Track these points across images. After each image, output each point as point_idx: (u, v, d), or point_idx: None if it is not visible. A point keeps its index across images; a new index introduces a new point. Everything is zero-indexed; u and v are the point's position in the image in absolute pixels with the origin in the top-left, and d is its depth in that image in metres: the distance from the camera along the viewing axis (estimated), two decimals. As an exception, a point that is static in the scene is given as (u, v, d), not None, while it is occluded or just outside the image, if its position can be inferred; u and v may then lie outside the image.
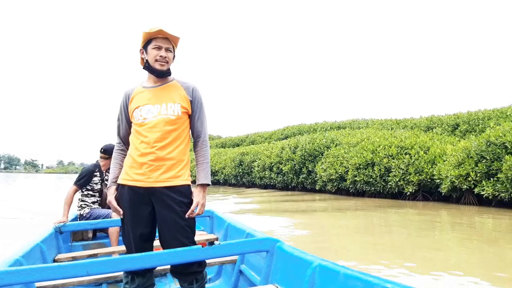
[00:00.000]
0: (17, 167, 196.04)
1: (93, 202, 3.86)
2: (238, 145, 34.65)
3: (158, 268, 2.24)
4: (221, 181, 25.21)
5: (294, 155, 17.48)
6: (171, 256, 1.79)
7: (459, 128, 18.12)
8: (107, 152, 3.87)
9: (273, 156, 18.97)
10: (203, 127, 2.02)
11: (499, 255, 4.44)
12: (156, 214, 1.90)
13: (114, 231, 3.47)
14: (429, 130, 19.93)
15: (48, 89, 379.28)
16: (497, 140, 9.89)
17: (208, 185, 1.98)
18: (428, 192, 11.96)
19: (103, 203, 3.94)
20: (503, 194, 9.25)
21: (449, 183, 10.60)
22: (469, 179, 10.04)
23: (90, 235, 3.79)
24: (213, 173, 25.21)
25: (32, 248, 2.40)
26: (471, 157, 10.29)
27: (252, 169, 21.07)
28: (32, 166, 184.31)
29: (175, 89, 1.97)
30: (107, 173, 3.95)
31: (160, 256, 1.77)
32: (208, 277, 2.73)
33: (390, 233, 6.12)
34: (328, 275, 1.65)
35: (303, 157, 17.03)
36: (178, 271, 1.92)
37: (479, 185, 9.89)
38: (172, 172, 1.88)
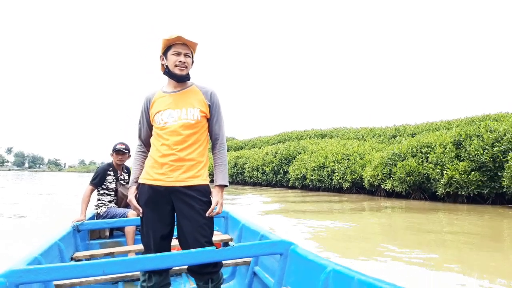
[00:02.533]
0: (41, 166, 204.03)
1: (110, 201, 3.92)
2: (241, 148, 38.78)
3: (174, 268, 2.23)
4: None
5: (274, 159, 21.91)
6: (186, 257, 1.83)
7: (415, 137, 22.11)
8: (112, 149, 3.97)
9: (259, 159, 23.43)
10: (220, 130, 2.10)
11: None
12: (176, 211, 1.96)
13: (130, 230, 3.53)
14: (392, 138, 23.91)
15: (71, 91, 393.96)
16: (397, 151, 14.11)
17: (226, 186, 2.04)
18: (360, 187, 16.20)
19: (118, 202, 4.00)
20: (396, 188, 13.45)
21: (367, 180, 14.87)
22: (378, 178, 14.28)
23: (107, 233, 3.83)
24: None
25: (50, 246, 2.44)
26: (383, 163, 14.51)
27: (244, 170, 25.57)
28: (55, 165, 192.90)
29: (194, 94, 2.05)
30: (123, 173, 4.06)
31: (175, 257, 1.82)
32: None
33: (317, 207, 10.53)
34: (342, 280, 1.64)
35: (280, 161, 21.46)
36: (194, 270, 1.97)
37: (383, 182, 14.12)
38: (192, 172, 1.96)
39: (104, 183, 3.89)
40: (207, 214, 1.93)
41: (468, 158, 11.41)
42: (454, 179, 11.26)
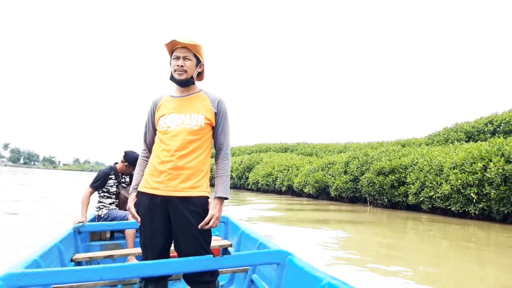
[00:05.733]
0: (36, 163, 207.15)
1: (111, 203, 3.96)
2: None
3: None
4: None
5: (239, 167, 27.84)
6: (184, 264, 1.83)
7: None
8: (125, 157, 3.96)
9: (229, 166, 29.33)
10: (225, 140, 2.05)
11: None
12: (172, 223, 1.91)
13: (130, 233, 3.57)
14: (341, 153, 29.75)
15: (67, 89, 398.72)
16: (315, 165, 20.08)
17: (226, 198, 1.97)
18: (293, 191, 22.13)
19: (120, 204, 4.05)
20: (311, 192, 19.37)
21: (295, 186, 20.84)
22: (301, 184, 20.24)
23: (108, 235, 3.86)
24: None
25: (51, 248, 2.45)
26: (305, 174, 20.44)
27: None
28: (50, 163, 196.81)
29: (201, 100, 2.02)
30: (123, 176, 4.10)
31: (173, 264, 1.82)
32: (221, 283, 2.67)
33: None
34: None
35: (244, 168, 27.39)
36: (191, 278, 1.95)
37: (305, 187, 20.06)
38: (190, 182, 1.90)
39: (105, 187, 3.94)
40: (199, 227, 1.87)
41: (349, 173, 17.38)
42: (339, 187, 17.22)
